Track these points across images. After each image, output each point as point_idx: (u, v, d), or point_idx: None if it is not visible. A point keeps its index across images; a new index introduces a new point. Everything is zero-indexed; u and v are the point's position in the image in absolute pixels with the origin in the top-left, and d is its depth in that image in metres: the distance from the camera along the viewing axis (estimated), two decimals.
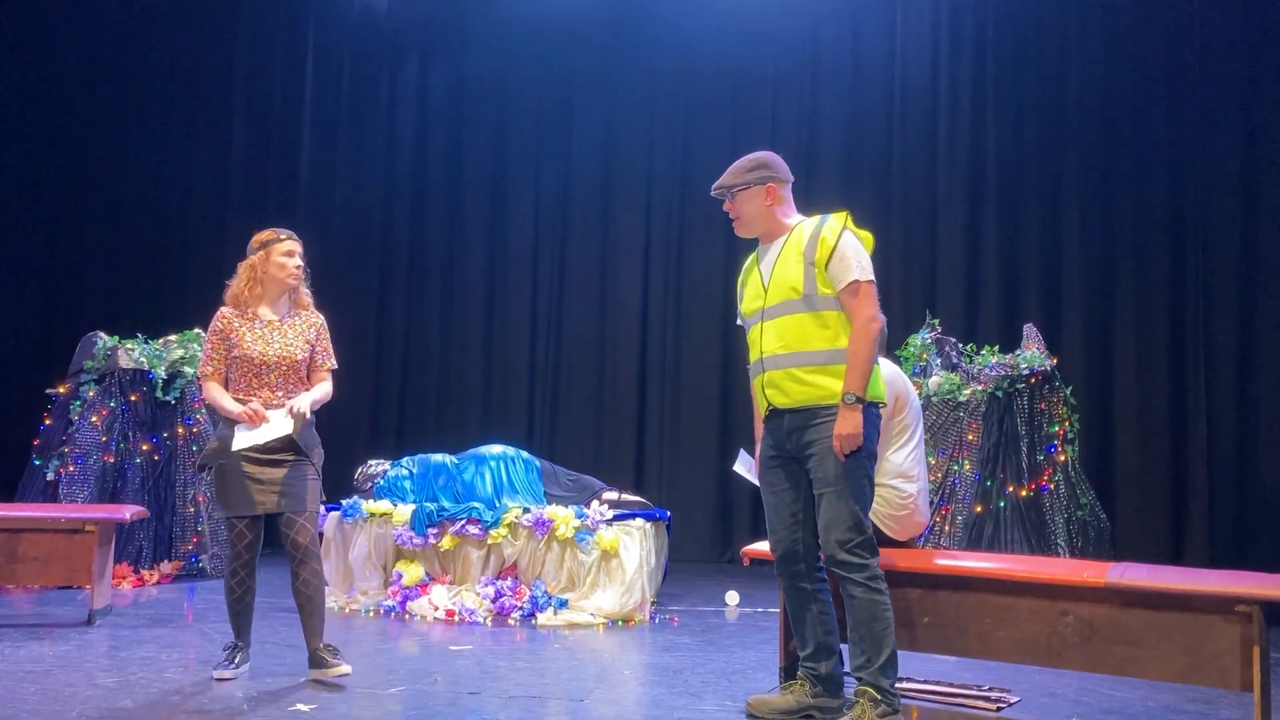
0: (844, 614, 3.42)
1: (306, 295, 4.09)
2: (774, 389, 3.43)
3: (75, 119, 8.76)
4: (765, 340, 3.44)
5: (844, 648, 3.51)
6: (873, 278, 3.38)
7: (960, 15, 7.81)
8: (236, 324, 3.94)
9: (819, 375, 3.35)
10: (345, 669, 3.85)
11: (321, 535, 5.40)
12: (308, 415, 3.89)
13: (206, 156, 8.84)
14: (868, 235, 3.48)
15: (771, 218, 3.53)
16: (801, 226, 3.50)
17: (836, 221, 3.43)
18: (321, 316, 4.10)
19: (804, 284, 3.37)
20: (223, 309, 3.99)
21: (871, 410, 3.35)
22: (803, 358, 3.37)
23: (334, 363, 4.09)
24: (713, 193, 3.61)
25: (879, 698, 3.27)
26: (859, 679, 3.32)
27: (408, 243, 8.76)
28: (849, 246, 3.37)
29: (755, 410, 3.67)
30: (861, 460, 3.33)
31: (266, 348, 3.90)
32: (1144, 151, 7.29)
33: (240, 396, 3.88)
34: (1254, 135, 7.00)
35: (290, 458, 3.89)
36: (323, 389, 3.99)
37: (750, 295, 3.57)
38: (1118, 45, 7.39)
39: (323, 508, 4.12)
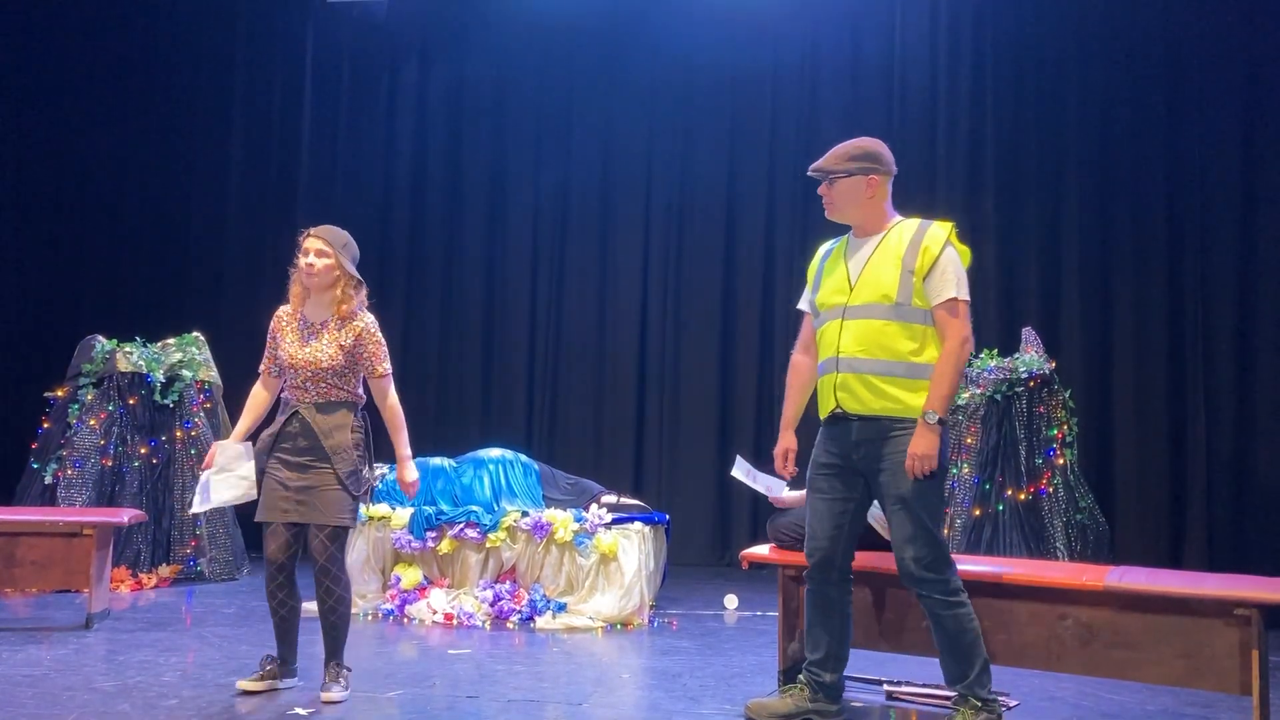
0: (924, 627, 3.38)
1: (348, 300, 3.87)
2: (846, 392, 3.32)
3: (74, 119, 8.72)
4: (844, 340, 3.32)
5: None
6: (969, 297, 3.28)
7: (960, 16, 7.80)
8: (285, 324, 3.92)
9: (897, 388, 3.26)
10: (334, 696, 3.69)
11: None
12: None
13: (206, 157, 8.82)
14: (966, 250, 3.37)
15: (868, 211, 3.40)
16: (901, 227, 3.38)
17: (941, 231, 3.32)
18: (366, 322, 3.87)
19: (898, 292, 3.27)
20: (280, 308, 3.97)
21: (944, 427, 3.26)
22: (882, 366, 3.27)
23: (383, 367, 3.89)
24: (810, 173, 3.46)
25: (980, 705, 3.26)
26: (957, 690, 3.32)
27: (407, 244, 8.74)
28: (951, 261, 3.28)
29: (790, 396, 3.58)
30: (936, 476, 3.26)
31: (299, 351, 3.82)
32: (1143, 152, 7.26)
33: (284, 394, 3.87)
34: (1253, 136, 6.99)
35: (314, 463, 3.76)
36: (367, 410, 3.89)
37: (832, 288, 3.43)
38: (1117, 46, 7.37)
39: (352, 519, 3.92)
